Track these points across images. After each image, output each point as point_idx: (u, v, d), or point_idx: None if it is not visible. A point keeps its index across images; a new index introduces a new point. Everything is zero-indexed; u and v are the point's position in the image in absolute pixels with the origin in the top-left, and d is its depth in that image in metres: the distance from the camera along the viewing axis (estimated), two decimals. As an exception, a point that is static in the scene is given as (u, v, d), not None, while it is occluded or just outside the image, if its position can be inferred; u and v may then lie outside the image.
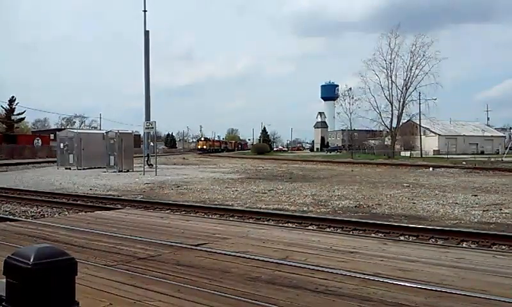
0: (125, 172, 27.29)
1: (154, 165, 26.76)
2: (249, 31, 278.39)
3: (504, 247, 7.27)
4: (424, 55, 56.39)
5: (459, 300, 3.15)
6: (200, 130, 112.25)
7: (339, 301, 3.13)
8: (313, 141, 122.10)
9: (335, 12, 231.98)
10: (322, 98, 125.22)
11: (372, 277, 3.67)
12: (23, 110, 65.46)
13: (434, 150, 70.65)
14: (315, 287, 3.42)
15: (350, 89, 67.39)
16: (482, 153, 69.08)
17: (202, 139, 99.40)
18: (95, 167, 29.64)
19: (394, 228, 8.76)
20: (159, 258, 4.39)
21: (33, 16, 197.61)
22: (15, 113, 63.43)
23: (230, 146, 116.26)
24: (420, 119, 62.10)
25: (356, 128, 73.24)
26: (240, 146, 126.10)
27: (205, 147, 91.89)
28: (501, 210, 11.67)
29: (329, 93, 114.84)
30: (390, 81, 58.49)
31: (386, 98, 58.80)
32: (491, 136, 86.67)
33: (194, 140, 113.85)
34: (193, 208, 11.68)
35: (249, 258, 4.34)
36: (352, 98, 66.01)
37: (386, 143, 67.23)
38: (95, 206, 11.98)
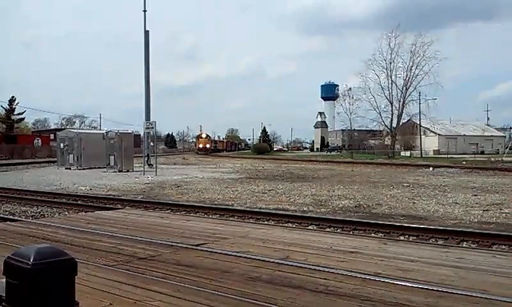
0: (125, 172, 27.28)
1: (154, 165, 26.75)
2: (250, 30, 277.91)
3: (504, 247, 7.27)
4: (424, 55, 56.48)
5: (459, 300, 3.15)
6: (200, 130, 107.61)
7: (339, 301, 3.12)
8: (313, 141, 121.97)
9: (337, 11, 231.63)
10: (322, 98, 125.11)
11: (372, 277, 3.66)
12: (23, 110, 65.48)
13: (434, 150, 70.61)
14: (315, 287, 3.42)
15: (350, 89, 67.48)
16: (482, 153, 69.01)
17: (203, 136, 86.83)
18: (95, 167, 29.62)
19: (394, 227, 8.76)
20: (159, 258, 4.39)
21: (33, 16, 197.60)
22: (15, 113, 63.37)
23: (221, 145, 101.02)
24: (420, 119, 62.11)
25: (356, 128, 73.26)
26: (234, 145, 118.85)
27: (207, 146, 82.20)
28: (501, 210, 11.67)
29: (329, 92, 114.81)
30: (390, 81, 58.61)
31: (386, 98, 58.91)
32: (491, 136, 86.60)
33: (194, 140, 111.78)
34: (193, 208, 11.68)
35: (249, 258, 4.34)
36: (352, 98, 66.11)
37: (386, 143, 67.22)
38: (95, 206, 11.98)
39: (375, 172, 29.14)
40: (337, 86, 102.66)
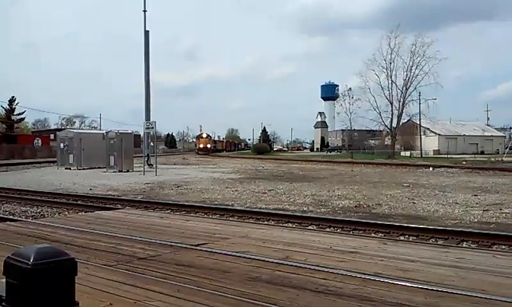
0: (125, 172, 27.29)
1: (154, 165, 26.75)
2: (250, 30, 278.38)
3: (504, 247, 7.27)
4: (424, 55, 56.52)
5: (459, 300, 3.15)
6: (200, 130, 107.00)
7: (339, 301, 3.12)
8: (313, 141, 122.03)
9: (337, 11, 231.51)
10: (322, 98, 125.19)
11: (372, 277, 3.66)
12: (23, 110, 65.43)
13: (434, 150, 70.61)
14: (315, 287, 3.42)
15: (350, 89, 67.55)
16: (482, 153, 69.00)
17: (204, 136, 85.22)
18: (95, 167, 29.63)
19: (394, 227, 8.76)
20: (159, 258, 4.39)
21: (33, 16, 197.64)
22: (15, 113, 63.34)
23: (221, 146, 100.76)
24: (420, 119, 62.14)
25: (356, 128, 73.31)
26: (234, 146, 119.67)
27: (208, 146, 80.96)
28: (501, 210, 11.67)
29: (329, 93, 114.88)
30: (390, 81, 58.62)
31: (386, 98, 58.93)
32: (491, 136, 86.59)
33: (194, 140, 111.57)
34: (193, 208, 11.68)
35: (249, 258, 4.34)
36: (352, 98, 66.19)
37: (386, 143, 67.23)
38: (94, 206, 11.98)
39: (375, 172, 29.14)
40: (337, 86, 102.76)
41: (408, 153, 63.44)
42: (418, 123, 64.03)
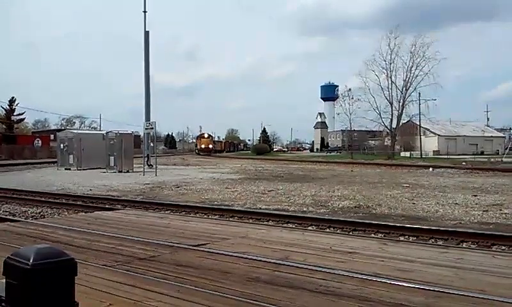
0: (124, 172, 27.28)
1: (154, 166, 26.76)
2: (251, 30, 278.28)
3: (503, 247, 7.27)
4: (423, 56, 56.46)
5: (458, 300, 3.16)
6: (200, 131, 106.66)
7: (338, 301, 3.13)
8: (313, 142, 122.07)
9: (337, 11, 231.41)
10: (321, 98, 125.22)
11: (371, 278, 3.67)
12: (23, 110, 65.45)
13: (434, 151, 70.56)
14: (314, 287, 3.42)
15: (349, 89, 67.48)
16: (482, 153, 68.95)
17: (205, 136, 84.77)
18: (94, 168, 29.61)
19: (394, 228, 8.76)
20: (159, 258, 4.39)
21: (33, 16, 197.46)
22: (15, 113, 63.34)
23: (220, 146, 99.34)
24: (420, 120, 62.13)
25: (356, 129, 73.24)
26: (234, 146, 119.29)
27: (210, 146, 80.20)
28: (501, 210, 11.67)
29: (329, 93, 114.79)
30: (389, 81, 58.58)
31: (386, 98, 58.85)
32: (491, 136, 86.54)
33: (194, 140, 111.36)
34: (193, 208, 11.68)
35: (249, 259, 4.34)
36: (352, 98, 66.10)
37: (386, 144, 67.17)
38: (94, 206, 11.98)
39: (375, 172, 29.15)
40: (337, 86, 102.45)
41: (407, 154, 63.40)
42: (418, 123, 64.01)
